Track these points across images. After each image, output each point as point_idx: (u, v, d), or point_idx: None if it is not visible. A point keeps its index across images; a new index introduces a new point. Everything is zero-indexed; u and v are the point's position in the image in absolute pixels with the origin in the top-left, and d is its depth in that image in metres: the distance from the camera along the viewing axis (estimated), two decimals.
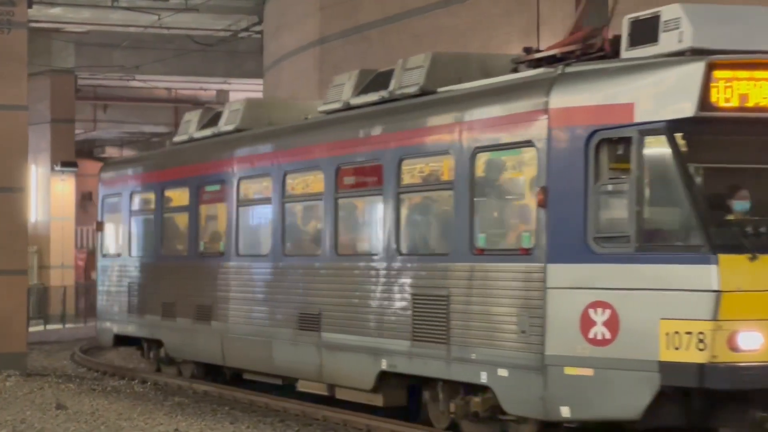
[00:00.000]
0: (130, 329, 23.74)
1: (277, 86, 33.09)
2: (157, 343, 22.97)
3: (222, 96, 51.68)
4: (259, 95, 41.68)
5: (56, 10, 38.78)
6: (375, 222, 16.60)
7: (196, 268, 21.11)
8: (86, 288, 45.55)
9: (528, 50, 15.36)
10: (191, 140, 22.32)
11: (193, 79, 47.63)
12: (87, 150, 61.80)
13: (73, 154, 46.07)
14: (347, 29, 28.81)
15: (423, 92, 15.98)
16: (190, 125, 22.52)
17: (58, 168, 44.67)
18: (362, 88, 17.31)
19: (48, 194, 44.98)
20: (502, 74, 15.36)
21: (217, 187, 20.75)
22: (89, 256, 49.50)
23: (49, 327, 39.44)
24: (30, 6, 24.50)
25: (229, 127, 20.82)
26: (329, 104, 18.01)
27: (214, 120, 21.66)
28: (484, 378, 14.10)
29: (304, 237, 18.63)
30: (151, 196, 23.18)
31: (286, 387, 19.22)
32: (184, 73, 46.17)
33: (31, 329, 37.33)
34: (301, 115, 19.48)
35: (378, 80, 17.09)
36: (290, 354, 18.09)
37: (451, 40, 24.19)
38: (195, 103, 53.29)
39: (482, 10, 23.95)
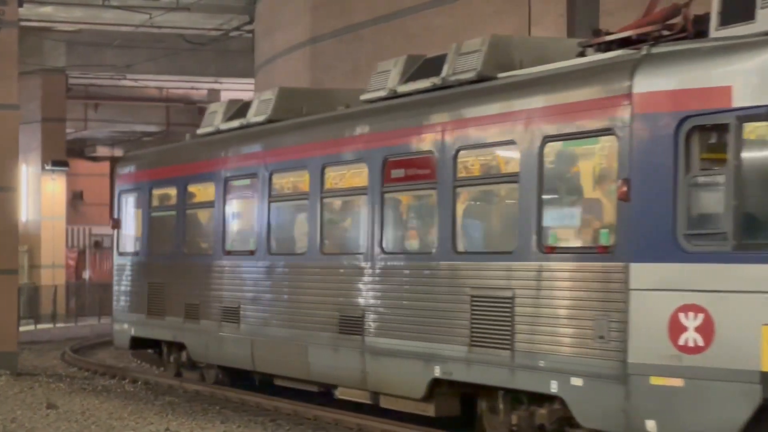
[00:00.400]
0: (150, 331, 22.34)
1: (268, 86, 32.80)
2: (179, 347, 21.71)
3: (213, 95, 51.58)
4: (251, 95, 41.64)
5: (47, 9, 38.53)
6: (427, 217, 15.40)
7: (223, 268, 19.81)
8: (77, 287, 45.49)
9: (597, 33, 14.20)
10: (217, 132, 21.04)
11: (184, 78, 47.35)
12: (78, 149, 61.65)
13: (64, 154, 45.77)
14: (339, 29, 28.71)
15: (480, 78, 14.76)
16: (216, 117, 21.28)
17: (48, 167, 44.37)
18: (410, 75, 16.10)
19: (39, 193, 44.70)
20: (566, 59, 14.11)
21: (246, 182, 19.48)
22: (80, 256, 49.47)
23: (40, 326, 39.24)
24: (21, 5, 24.34)
25: (260, 118, 19.56)
26: (373, 92, 16.72)
27: (242, 111, 20.41)
28: (554, 387, 12.90)
29: (346, 234, 17.34)
30: (173, 191, 21.82)
31: (321, 394, 18.05)
32: (176, 72, 45.91)
33: (22, 329, 37.31)
34: (338, 105, 18.24)
35: (427, 66, 15.90)
36: (329, 359, 16.83)
37: (444, 40, 24.15)
38: (186, 102, 53.22)
39: (474, 9, 23.88)
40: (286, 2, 32.05)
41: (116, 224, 24.02)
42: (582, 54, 14.18)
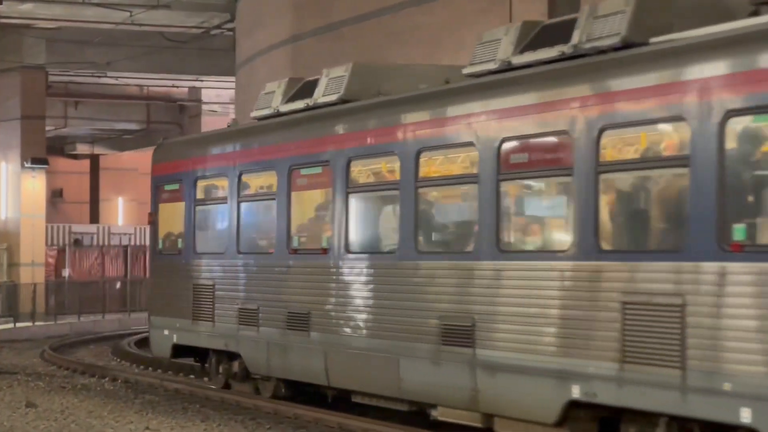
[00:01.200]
0: (195, 339, 19.48)
1: (249, 84, 32.86)
2: (230, 356, 18.97)
3: (194, 93, 51.59)
4: (232, 93, 41.58)
5: (27, 6, 38.18)
6: (558, 209, 12.85)
7: (289, 268, 17.12)
8: (57, 286, 45.32)
9: None
10: (276, 115, 18.24)
11: (165, 76, 47.30)
12: (58, 147, 61.45)
13: (44, 151, 45.27)
14: (320, 27, 28.61)
15: (626, 44, 12.22)
16: (273, 97, 18.41)
17: (28, 165, 44.10)
18: (526, 44, 13.56)
19: (18, 191, 44.31)
20: (728, 20, 11.66)
21: (317, 170, 16.78)
22: (60, 254, 49.30)
23: (19, 325, 39.07)
24: (0, 2, 24.36)
25: (331, 98, 16.91)
26: (479, 65, 14.13)
27: (307, 90, 17.68)
28: (745, 417, 10.39)
29: (449, 229, 14.84)
30: (224, 182, 18.97)
31: (411, 414, 15.37)
32: (156, 70, 45.58)
33: (1, 327, 37.23)
34: (424, 82, 15.75)
35: (549, 33, 13.40)
36: (428, 375, 14.19)
37: (425, 38, 24.13)
38: (167, 100, 53.14)
39: (456, 7, 23.74)
40: (268, 1, 31.97)
41: (152, 220, 21.26)
42: (755, 13, 11.84)
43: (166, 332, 20.45)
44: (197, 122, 51.58)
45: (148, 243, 54.95)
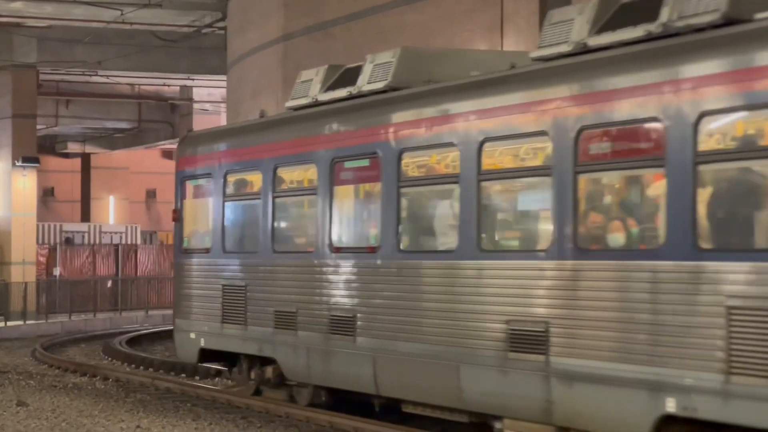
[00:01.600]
0: (226, 343, 18.18)
1: (240, 83, 32.80)
2: (263, 362, 17.65)
3: (185, 92, 51.52)
4: (223, 92, 41.54)
5: (18, 5, 38.00)
6: (654, 203, 11.49)
7: (331, 268, 15.88)
8: (48, 284, 45.24)
9: None
10: (315, 104, 16.94)
11: (156, 75, 46.95)
12: (49, 145, 61.36)
13: (35, 150, 45.06)
14: (311, 26, 28.62)
15: (727, 21, 10.97)
16: (311, 86, 17.16)
17: (19, 164, 43.94)
18: (603, 24, 12.34)
19: (9, 190, 44.07)
20: None
21: (364, 163, 15.58)
22: (51, 252, 49.23)
23: (10, 323, 38.99)
24: None
25: (377, 85, 15.67)
26: (550, 48, 12.85)
27: (348, 78, 16.48)
28: None
29: (517, 226, 13.56)
30: (257, 176, 17.65)
31: (459, 425, 14.34)
32: (147, 69, 45.30)
33: None
34: (476, 68, 14.56)
35: (630, 12, 12.16)
36: (493, 384, 12.97)
37: (416, 37, 24.11)
38: (158, 99, 53.09)
39: (446, 7, 23.72)
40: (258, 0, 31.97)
41: (178, 217, 19.78)
42: None
43: (192, 336, 19.11)
44: (188, 121, 51.55)
45: (139, 241, 55.04)
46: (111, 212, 65.11)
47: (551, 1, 20.31)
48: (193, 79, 48.11)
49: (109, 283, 47.28)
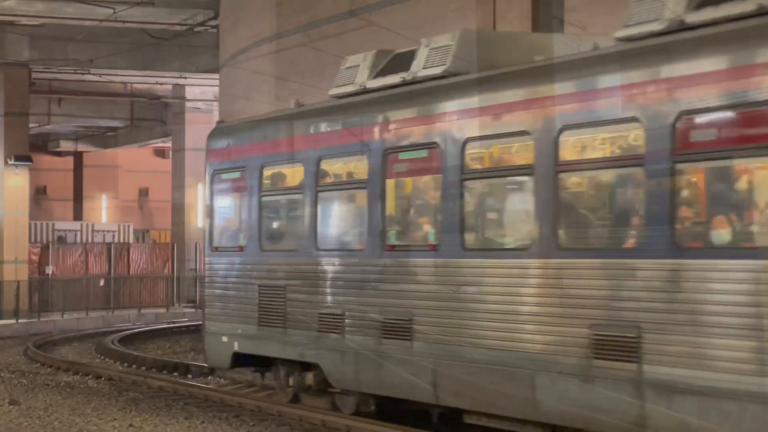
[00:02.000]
0: (262, 347, 17.04)
1: (233, 81, 32.81)
2: (303, 367, 16.58)
3: (178, 90, 51.47)
4: (216, 90, 41.50)
5: (10, 3, 37.91)
6: (750, 194, 10.42)
7: (383, 268, 14.75)
8: (40, 283, 45.18)
9: None
10: (363, 92, 15.71)
11: (148, 73, 46.78)
12: (41, 144, 61.30)
13: (27, 148, 45.08)
14: (304, 24, 28.63)
15: None
16: (358, 72, 15.93)
17: (11, 162, 43.95)
18: (698, 2, 11.16)
19: (1, 188, 43.85)
20: None
21: (421, 154, 14.35)
22: (43, 251, 49.15)
23: (2, 322, 38.98)
24: None
25: (435, 71, 14.50)
26: (638, 26, 11.61)
27: (400, 63, 15.32)
28: None
29: (599, 222, 12.32)
30: (298, 169, 16.48)
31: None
32: (140, 67, 45.32)
33: None
34: (539, 53, 13.52)
35: None
36: (574, 395, 11.89)
37: (409, 35, 24.14)
38: (151, 97, 53.02)
39: (439, 5, 23.76)
40: None
41: (209, 212, 18.72)
42: None
43: (224, 339, 17.88)
44: (181, 119, 51.52)
45: (131, 240, 54.95)
46: (103, 211, 65.06)
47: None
48: (185, 78, 48.01)
49: (102, 282, 47.20)
